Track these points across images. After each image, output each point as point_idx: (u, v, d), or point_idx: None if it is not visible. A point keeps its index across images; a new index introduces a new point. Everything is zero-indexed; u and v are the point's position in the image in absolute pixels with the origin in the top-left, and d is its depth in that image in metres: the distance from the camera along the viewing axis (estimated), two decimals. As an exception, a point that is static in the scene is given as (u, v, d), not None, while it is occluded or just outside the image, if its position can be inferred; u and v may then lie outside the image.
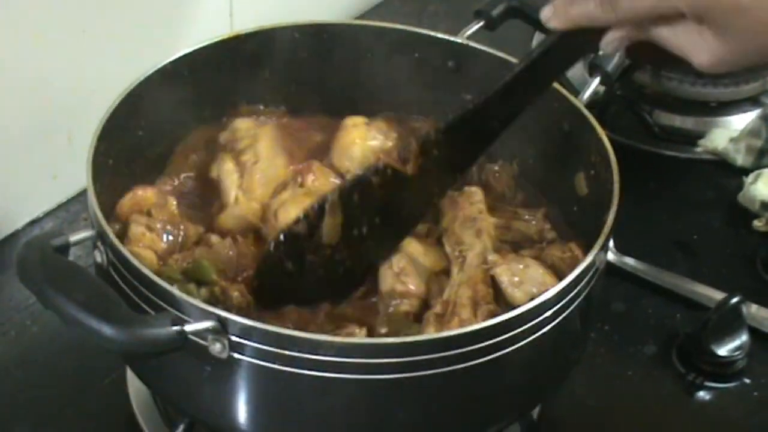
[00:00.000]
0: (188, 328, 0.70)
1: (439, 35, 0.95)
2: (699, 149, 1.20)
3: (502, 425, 0.83)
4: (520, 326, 0.74)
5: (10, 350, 0.97)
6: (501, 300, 0.83)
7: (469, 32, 0.99)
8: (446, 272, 0.86)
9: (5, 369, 0.95)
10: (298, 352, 0.70)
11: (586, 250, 0.78)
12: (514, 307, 0.76)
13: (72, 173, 0.85)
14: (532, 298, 0.75)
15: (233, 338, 0.71)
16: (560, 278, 0.80)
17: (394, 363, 0.71)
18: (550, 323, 0.76)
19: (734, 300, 0.98)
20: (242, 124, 0.94)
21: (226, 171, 0.91)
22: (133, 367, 0.85)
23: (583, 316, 0.80)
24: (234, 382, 0.74)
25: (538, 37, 1.32)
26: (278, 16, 0.95)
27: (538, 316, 0.75)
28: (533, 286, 0.83)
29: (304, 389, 0.73)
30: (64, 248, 0.76)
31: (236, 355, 0.72)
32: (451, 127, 0.80)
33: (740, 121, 1.22)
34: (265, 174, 0.91)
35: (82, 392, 0.93)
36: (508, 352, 0.74)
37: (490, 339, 0.73)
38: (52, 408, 0.92)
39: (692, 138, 1.21)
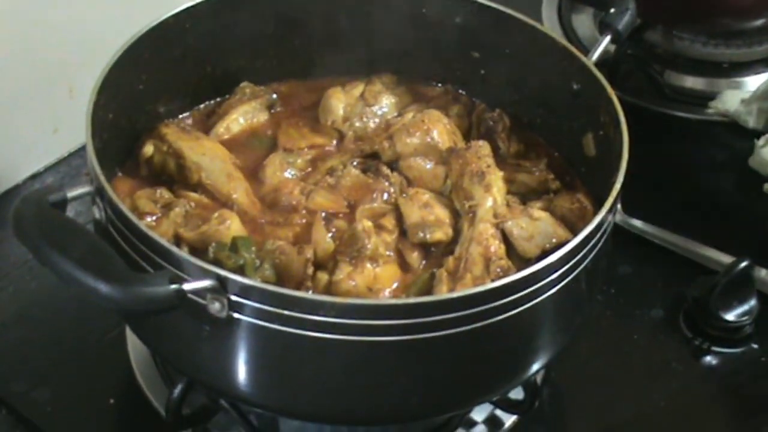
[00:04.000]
0: (186, 286, 0.69)
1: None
2: (710, 111, 1.18)
3: (505, 389, 0.82)
4: (525, 288, 0.73)
5: (9, 306, 0.96)
6: (513, 254, 0.82)
7: None
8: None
9: (3, 325, 0.95)
10: (298, 312, 0.69)
11: (594, 203, 0.77)
12: (526, 261, 0.75)
13: (73, 127, 0.85)
14: (545, 252, 0.74)
15: (232, 297, 0.70)
16: (571, 230, 0.80)
17: (395, 325, 0.71)
18: (556, 285, 0.75)
19: (743, 264, 0.96)
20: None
21: None
22: (131, 326, 0.84)
23: (590, 278, 0.79)
24: (233, 342, 0.73)
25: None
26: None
27: (544, 279, 0.74)
28: (545, 239, 0.82)
29: (304, 350, 0.72)
30: (62, 204, 0.75)
31: (235, 315, 0.71)
32: None
33: (753, 82, 1.20)
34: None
35: (80, 350, 0.93)
36: (512, 315, 0.73)
37: (495, 301, 0.72)
38: (50, 365, 0.91)
39: (703, 99, 1.19)
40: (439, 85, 0.98)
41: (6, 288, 0.97)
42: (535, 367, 0.80)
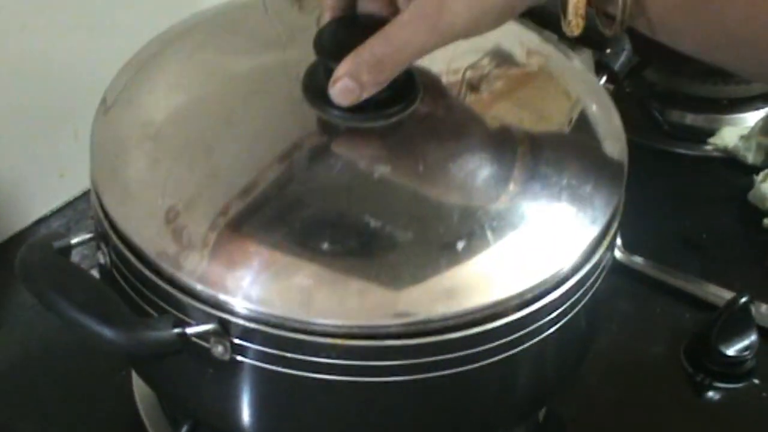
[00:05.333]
0: (189, 330, 0.70)
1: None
2: (709, 147, 1.19)
3: (507, 427, 0.83)
4: (525, 328, 0.73)
5: (16, 349, 0.97)
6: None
7: None
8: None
9: (11, 367, 0.95)
10: (301, 354, 0.70)
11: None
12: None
13: (79, 171, 0.86)
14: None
15: (235, 341, 0.71)
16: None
17: (397, 365, 0.71)
18: (555, 324, 0.75)
19: (743, 299, 0.97)
20: None
21: None
22: (136, 369, 0.85)
23: (589, 317, 0.80)
24: (236, 385, 0.74)
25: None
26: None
27: (543, 318, 0.74)
28: None
29: (307, 392, 0.72)
30: (66, 250, 0.76)
31: (238, 358, 0.71)
32: None
33: (751, 118, 1.21)
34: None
35: (87, 392, 0.93)
36: (513, 354, 0.74)
37: (497, 341, 0.73)
38: (57, 408, 0.92)
39: (702, 135, 1.20)
40: None
41: (13, 331, 0.98)
42: (536, 405, 0.80)
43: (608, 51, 0.95)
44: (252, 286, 0.70)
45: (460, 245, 0.73)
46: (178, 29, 0.87)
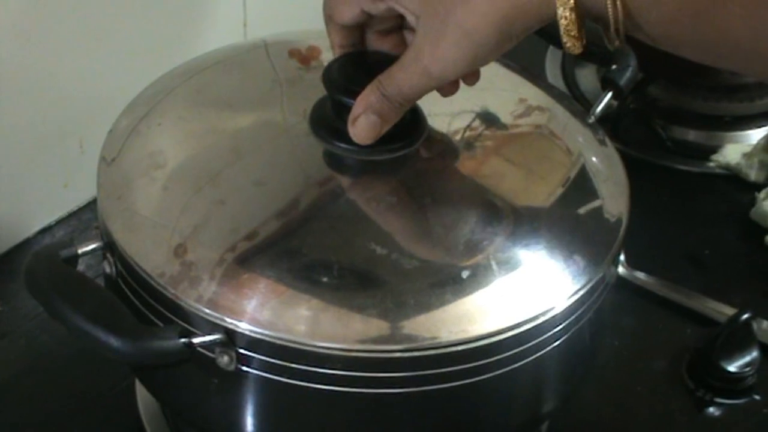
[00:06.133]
0: (196, 340, 0.70)
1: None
2: (712, 164, 1.19)
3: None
4: (529, 342, 0.74)
5: (20, 358, 0.97)
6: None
7: None
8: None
9: (15, 377, 0.95)
10: (305, 365, 0.70)
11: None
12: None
13: (83, 181, 0.86)
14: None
15: (241, 351, 0.71)
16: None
17: (402, 377, 0.71)
18: (558, 339, 0.76)
19: (745, 316, 0.97)
20: None
21: None
22: (140, 378, 0.85)
23: (593, 332, 0.80)
24: (241, 395, 0.74)
25: (552, 54, 1.32)
26: (292, 26, 0.95)
27: (546, 333, 0.74)
28: None
29: (312, 403, 0.73)
30: (73, 259, 0.76)
31: (243, 368, 0.72)
32: None
33: (754, 136, 1.22)
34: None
35: (91, 401, 0.93)
36: (517, 368, 0.74)
37: (501, 354, 0.73)
38: (61, 417, 0.92)
39: (705, 152, 1.20)
40: None
41: (18, 340, 0.98)
42: (539, 419, 0.80)
43: (614, 67, 0.95)
44: (259, 312, 0.71)
45: (465, 274, 0.73)
46: (186, 67, 0.88)
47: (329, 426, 0.75)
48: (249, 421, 0.76)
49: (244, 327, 0.70)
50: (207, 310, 0.71)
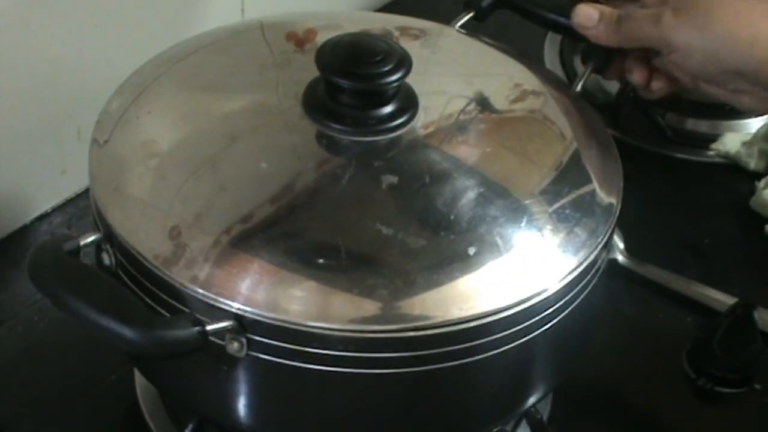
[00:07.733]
0: (209, 328, 0.69)
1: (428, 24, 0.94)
2: (711, 153, 1.19)
3: (505, 420, 0.85)
4: (521, 323, 0.74)
5: (17, 345, 0.97)
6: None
7: (459, 23, 0.99)
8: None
9: (13, 364, 0.95)
10: (317, 348, 0.70)
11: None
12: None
13: (81, 168, 0.85)
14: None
15: (251, 336, 0.70)
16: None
17: (408, 357, 0.71)
18: (550, 321, 0.76)
19: (745, 305, 0.97)
20: None
21: None
22: (141, 369, 0.84)
23: (585, 316, 0.80)
24: (251, 381, 0.74)
25: (550, 40, 1.31)
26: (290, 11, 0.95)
27: (538, 314, 0.75)
28: None
29: (321, 385, 0.73)
30: (75, 251, 0.75)
31: (254, 353, 0.71)
32: None
33: (754, 125, 1.21)
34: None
35: (89, 389, 0.93)
36: (508, 348, 0.74)
37: (495, 334, 0.73)
38: (58, 404, 0.92)
39: (705, 141, 1.20)
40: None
41: (15, 327, 0.98)
42: (532, 400, 0.81)
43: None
44: (270, 297, 0.70)
45: (471, 251, 0.73)
46: (175, 51, 0.88)
47: (341, 410, 0.75)
48: (259, 407, 0.76)
49: (255, 312, 0.70)
50: (216, 297, 0.70)
